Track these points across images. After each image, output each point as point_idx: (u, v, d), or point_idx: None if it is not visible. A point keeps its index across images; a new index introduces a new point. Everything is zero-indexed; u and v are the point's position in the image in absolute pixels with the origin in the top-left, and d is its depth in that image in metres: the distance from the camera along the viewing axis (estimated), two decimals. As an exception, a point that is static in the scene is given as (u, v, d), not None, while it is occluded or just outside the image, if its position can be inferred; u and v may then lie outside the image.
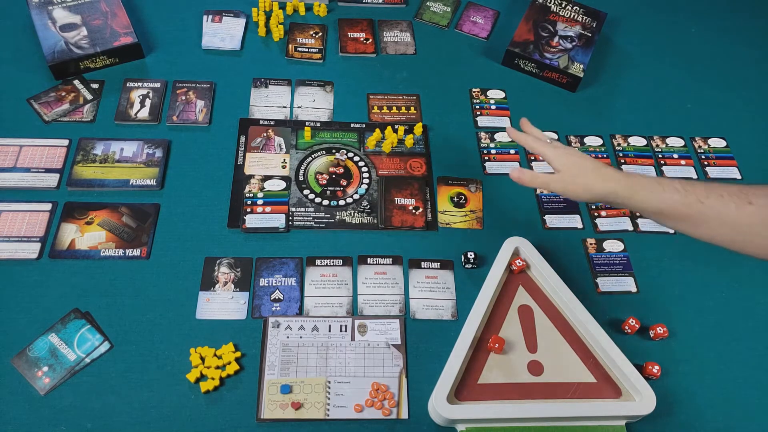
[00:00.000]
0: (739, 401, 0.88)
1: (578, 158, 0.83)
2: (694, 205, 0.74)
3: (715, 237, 0.75)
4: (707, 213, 0.73)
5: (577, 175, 0.82)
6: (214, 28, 1.22)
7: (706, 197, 0.73)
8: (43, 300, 0.88)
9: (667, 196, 0.76)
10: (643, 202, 0.78)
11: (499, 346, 0.85)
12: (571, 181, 0.82)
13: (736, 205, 0.71)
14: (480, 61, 1.25)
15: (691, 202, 0.74)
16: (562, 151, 0.84)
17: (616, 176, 0.80)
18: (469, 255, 0.96)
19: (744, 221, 0.71)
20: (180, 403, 0.81)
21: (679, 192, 0.75)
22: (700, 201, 0.73)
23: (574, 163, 0.82)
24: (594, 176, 0.81)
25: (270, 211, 0.99)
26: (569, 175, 0.82)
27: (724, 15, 1.39)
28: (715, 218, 0.73)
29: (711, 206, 0.73)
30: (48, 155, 1.02)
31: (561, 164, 0.83)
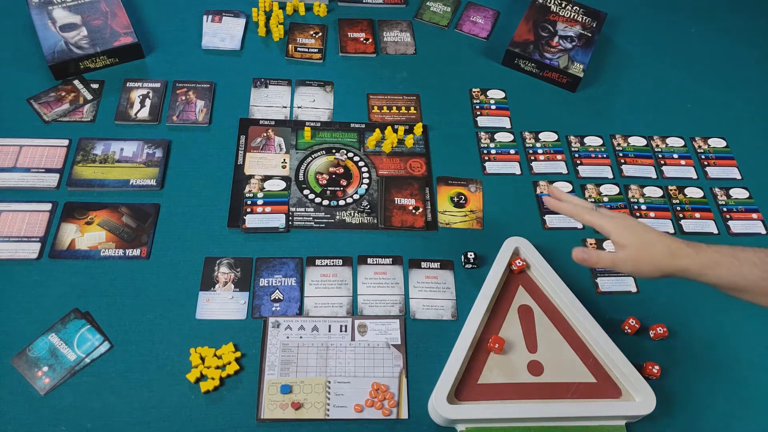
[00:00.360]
0: (739, 401, 0.88)
1: (642, 232, 0.75)
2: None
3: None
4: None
5: (645, 252, 0.74)
6: (214, 28, 1.22)
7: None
8: (43, 300, 0.88)
9: (745, 271, 0.70)
10: (719, 278, 0.72)
11: (499, 346, 0.85)
12: (639, 259, 0.74)
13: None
14: (480, 61, 1.25)
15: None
16: (620, 223, 0.76)
17: (685, 251, 0.73)
18: (469, 255, 0.96)
19: None
20: (180, 403, 0.81)
21: (757, 266, 0.70)
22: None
23: (639, 239, 0.75)
24: (662, 254, 0.73)
25: (270, 211, 0.99)
26: (636, 252, 0.74)
27: (724, 15, 1.39)
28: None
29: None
30: (48, 155, 1.02)
31: (626, 240, 0.75)
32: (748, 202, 1.09)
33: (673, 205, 1.07)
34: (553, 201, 0.83)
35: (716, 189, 1.10)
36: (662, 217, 1.05)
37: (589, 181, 1.09)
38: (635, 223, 0.77)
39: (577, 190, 1.07)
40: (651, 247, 0.74)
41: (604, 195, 1.07)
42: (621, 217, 0.78)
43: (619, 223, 0.76)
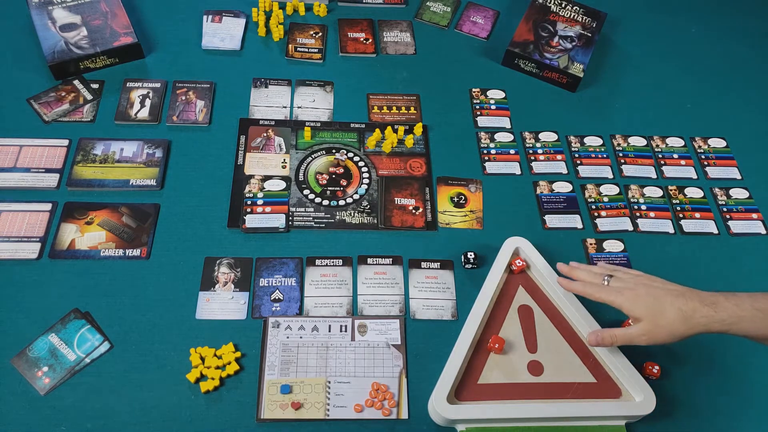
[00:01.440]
0: (739, 401, 0.88)
1: (652, 302, 0.75)
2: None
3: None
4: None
5: (658, 322, 0.74)
6: (214, 28, 1.22)
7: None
8: (43, 300, 0.88)
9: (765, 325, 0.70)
10: (745, 331, 0.72)
11: (499, 346, 0.85)
12: (653, 331, 0.74)
13: None
14: (480, 61, 1.25)
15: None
16: (630, 296, 0.76)
17: (701, 312, 0.72)
18: (469, 255, 0.96)
19: None
20: (180, 403, 0.81)
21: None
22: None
23: (651, 311, 0.74)
24: (677, 321, 0.73)
25: (270, 211, 0.99)
26: (649, 324, 0.74)
27: (724, 15, 1.39)
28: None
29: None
30: (48, 155, 1.02)
31: (638, 313, 0.75)
32: (748, 202, 1.09)
33: (673, 205, 1.07)
34: (564, 282, 0.85)
35: (716, 189, 1.10)
36: (662, 217, 1.05)
37: (589, 181, 1.09)
38: (645, 292, 0.76)
39: (577, 190, 1.07)
40: (664, 317, 0.74)
41: (604, 195, 1.07)
42: (631, 288, 0.77)
43: (629, 297, 0.76)
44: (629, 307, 0.76)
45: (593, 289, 0.80)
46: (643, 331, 0.75)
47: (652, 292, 0.76)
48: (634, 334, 0.76)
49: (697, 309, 0.73)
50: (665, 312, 0.74)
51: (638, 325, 0.76)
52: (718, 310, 0.72)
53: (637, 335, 0.76)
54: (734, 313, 0.71)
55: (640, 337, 0.76)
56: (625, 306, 0.76)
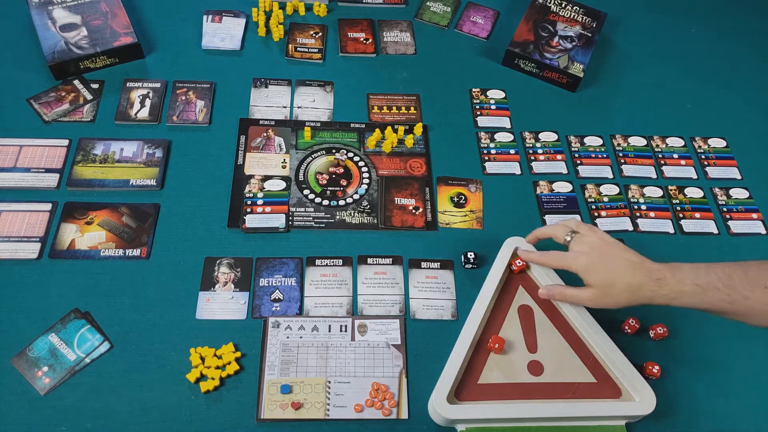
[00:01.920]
0: (739, 401, 0.88)
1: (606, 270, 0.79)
2: (739, 301, 0.72)
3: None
4: (755, 307, 0.72)
5: (606, 292, 0.79)
6: (214, 28, 1.22)
7: (751, 291, 0.72)
8: (43, 300, 0.88)
9: (709, 297, 0.74)
10: (686, 305, 0.76)
11: (499, 346, 0.85)
12: (600, 299, 0.80)
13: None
14: (480, 61, 1.25)
15: (735, 300, 0.72)
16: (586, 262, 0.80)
17: (648, 286, 0.77)
18: (469, 255, 0.96)
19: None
20: (180, 403, 0.81)
21: (720, 291, 0.73)
22: (745, 297, 0.72)
23: (602, 280, 0.79)
24: (624, 293, 0.78)
25: (270, 211, 0.99)
26: (601, 292, 0.80)
27: (724, 15, 1.39)
28: (764, 312, 0.72)
29: (757, 300, 0.71)
30: (48, 155, 1.02)
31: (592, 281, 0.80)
32: (748, 202, 1.09)
33: (673, 205, 1.07)
34: (523, 253, 0.91)
35: (716, 189, 1.10)
36: (662, 217, 1.05)
37: (589, 181, 1.09)
38: (600, 261, 0.80)
39: (577, 190, 1.07)
40: (614, 288, 0.79)
41: (604, 195, 1.07)
42: (587, 253, 0.81)
43: (585, 264, 0.80)
44: (584, 274, 0.81)
45: (550, 259, 0.86)
46: (592, 297, 0.81)
47: (608, 262, 0.80)
48: (584, 298, 0.82)
49: (644, 284, 0.77)
50: (615, 284, 0.79)
51: (589, 290, 0.81)
52: (662, 285, 0.76)
53: (586, 299, 0.82)
54: (676, 289, 0.76)
55: (588, 302, 0.82)
56: (581, 273, 0.81)
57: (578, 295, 0.83)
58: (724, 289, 0.73)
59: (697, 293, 0.74)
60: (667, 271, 0.77)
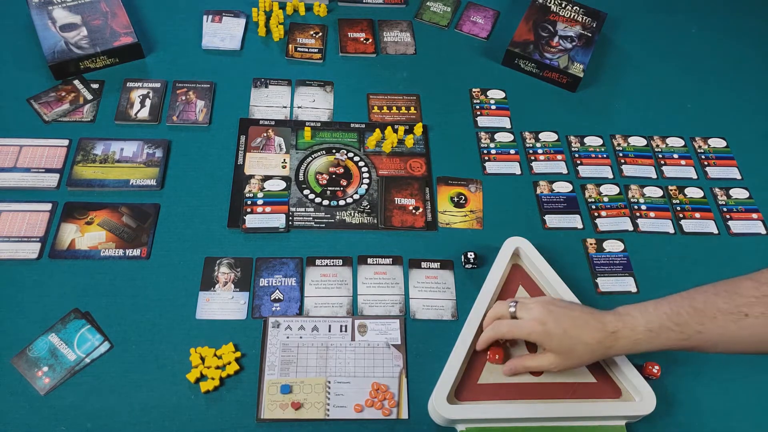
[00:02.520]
0: (739, 401, 0.88)
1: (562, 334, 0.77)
2: (694, 337, 0.72)
3: (735, 351, 0.74)
4: (712, 339, 0.72)
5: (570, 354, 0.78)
6: (214, 28, 1.22)
7: (702, 324, 0.71)
8: (43, 300, 0.88)
9: (663, 338, 0.73)
10: (645, 350, 0.76)
11: (499, 357, 0.84)
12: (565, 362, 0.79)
13: (734, 323, 0.70)
14: (480, 61, 1.25)
15: (689, 335, 0.72)
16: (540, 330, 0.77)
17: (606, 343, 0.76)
18: (469, 255, 0.96)
19: (750, 334, 0.70)
20: (180, 403, 0.81)
21: (673, 330, 0.72)
22: (698, 331, 0.71)
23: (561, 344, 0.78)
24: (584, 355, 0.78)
25: (270, 211, 0.99)
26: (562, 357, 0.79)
27: (724, 15, 1.39)
28: (722, 341, 0.72)
29: (711, 332, 0.71)
30: (48, 155, 1.02)
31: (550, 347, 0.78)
32: (748, 202, 1.09)
33: (673, 205, 1.07)
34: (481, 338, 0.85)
35: (716, 189, 1.10)
36: (662, 217, 1.05)
37: (589, 181, 1.09)
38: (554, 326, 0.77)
39: (577, 190, 1.07)
40: (573, 352, 0.78)
41: (604, 195, 1.07)
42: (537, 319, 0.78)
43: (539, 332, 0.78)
44: (541, 341, 0.79)
45: (503, 328, 0.82)
46: (553, 362, 0.80)
47: (562, 323, 0.77)
48: (545, 365, 0.81)
49: (602, 340, 0.76)
50: (574, 347, 0.78)
51: (550, 356, 0.80)
52: (618, 338, 0.76)
53: (548, 365, 0.81)
54: (631, 338, 0.75)
55: (551, 367, 0.81)
56: (538, 341, 0.80)
57: (540, 363, 0.81)
58: (676, 327, 0.72)
59: (651, 338, 0.74)
60: (619, 322, 0.76)
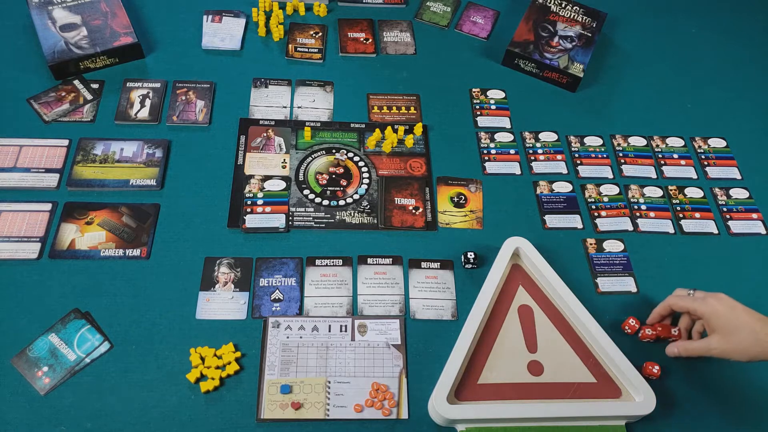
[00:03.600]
0: (739, 401, 0.88)
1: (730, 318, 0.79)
2: None
3: None
4: None
5: (732, 339, 0.79)
6: (214, 28, 1.22)
7: None
8: (43, 300, 0.88)
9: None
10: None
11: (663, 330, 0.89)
12: (727, 346, 0.80)
13: None
14: (480, 61, 1.25)
15: None
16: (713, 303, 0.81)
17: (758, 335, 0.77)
18: (469, 255, 0.96)
19: None
20: (180, 403, 0.82)
21: None
22: None
23: (726, 326, 0.79)
24: (749, 342, 0.78)
25: (270, 211, 0.99)
26: (723, 339, 0.80)
27: (724, 15, 1.39)
28: None
29: None
30: (48, 155, 1.02)
31: (715, 324, 0.81)
32: (748, 202, 1.09)
33: (673, 205, 1.07)
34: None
35: (716, 189, 1.10)
36: (662, 217, 1.05)
37: (589, 181, 1.09)
38: (726, 307, 0.80)
39: (577, 190, 1.07)
40: (737, 334, 0.79)
41: (604, 195, 1.07)
42: (712, 302, 0.82)
43: (711, 306, 0.81)
44: (708, 316, 0.81)
45: (680, 301, 0.86)
46: (716, 344, 0.80)
47: (735, 307, 0.80)
48: (707, 346, 0.82)
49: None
50: (739, 331, 0.78)
51: (713, 338, 0.81)
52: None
53: (710, 347, 0.81)
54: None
55: (714, 350, 0.81)
56: (706, 314, 0.81)
57: (702, 345, 0.83)
58: None
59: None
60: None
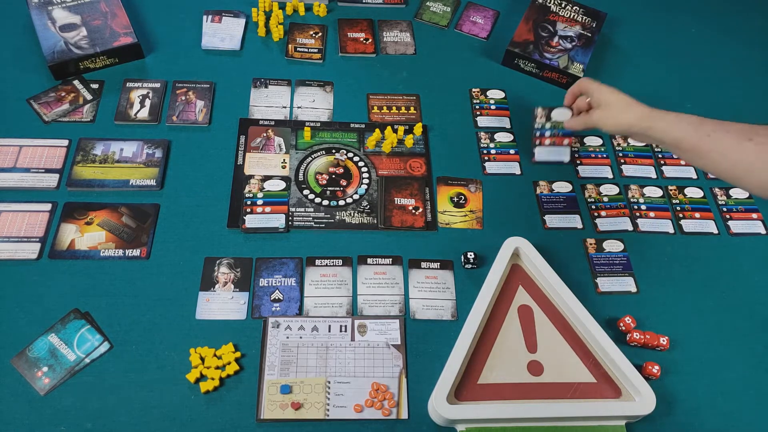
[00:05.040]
0: (738, 401, 0.88)
1: (616, 94, 0.92)
2: (702, 138, 0.81)
3: (716, 169, 0.81)
4: (711, 146, 0.80)
5: (612, 109, 0.91)
6: (214, 28, 1.22)
7: (714, 131, 0.80)
8: (43, 300, 0.88)
9: (682, 127, 0.83)
10: (662, 132, 0.85)
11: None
12: (606, 115, 0.92)
13: (737, 140, 0.78)
14: (480, 61, 1.25)
15: (700, 135, 0.81)
16: (604, 88, 0.93)
17: (639, 110, 0.89)
18: (469, 255, 0.96)
19: (742, 157, 0.78)
20: (180, 403, 0.82)
21: (692, 125, 0.82)
22: (708, 135, 0.80)
23: (610, 99, 0.92)
24: (621, 110, 0.90)
25: (270, 211, 0.99)
26: (606, 110, 0.92)
27: (724, 15, 1.39)
28: (718, 152, 0.80)
29: (715, 140, 0.80)
30: (48, 155, 1.02)
31: (601, 100, 0.93)
32: (748, 202, 1.09)
33: (673, 205, 1.07)
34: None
35: (716, 189, 1.10)
36: (662, 217, 1.05)
37: (589, 181, 1.09)
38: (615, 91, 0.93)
39: (577, 190, 1.07)
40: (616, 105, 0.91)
41: (604, 195, 1.07)
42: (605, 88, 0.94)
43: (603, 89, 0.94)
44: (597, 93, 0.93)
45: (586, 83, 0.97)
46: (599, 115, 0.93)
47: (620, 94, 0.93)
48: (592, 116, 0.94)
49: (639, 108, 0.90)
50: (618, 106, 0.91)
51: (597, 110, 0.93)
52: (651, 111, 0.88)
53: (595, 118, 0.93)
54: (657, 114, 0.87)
55: (596, 121, 0.93)
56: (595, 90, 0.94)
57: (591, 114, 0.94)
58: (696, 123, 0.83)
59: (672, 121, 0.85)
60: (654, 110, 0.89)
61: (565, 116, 1.02)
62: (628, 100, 0.91)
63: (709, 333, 0.93)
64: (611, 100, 0.92)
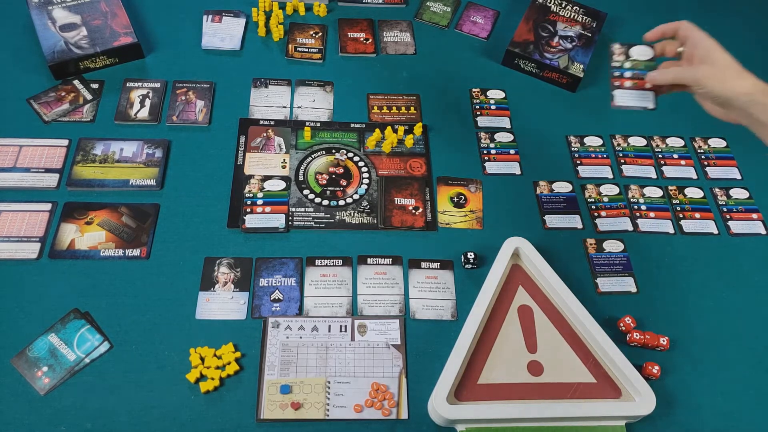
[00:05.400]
0: (738, 401, 0.88)
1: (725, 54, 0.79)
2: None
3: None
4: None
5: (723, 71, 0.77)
6: (214, 28, 1.22)
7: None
8: (43, 300, 0.88)
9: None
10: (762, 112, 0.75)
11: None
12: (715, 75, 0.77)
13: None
14: (480, 61, 1.25)
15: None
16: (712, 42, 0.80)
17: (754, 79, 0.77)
18: (469, 255, 0.96)
19: None
20: (180, 403, 0.82)
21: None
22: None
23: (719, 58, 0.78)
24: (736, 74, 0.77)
25: (270, 211, 0.99)
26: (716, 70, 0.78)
27: (724, 15, 1.39)
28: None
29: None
30: (48, 155, 1.02)
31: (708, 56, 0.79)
32: (748, 202, 1.09)
33: (673, 205, 1.07)
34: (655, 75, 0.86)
35: (716, 189, 1.10)
36: (662, 217, 1.05)
37: (589, 181, 1.09)
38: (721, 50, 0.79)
39: (577, 190, 1.07)
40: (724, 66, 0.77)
41: (604, 195, 1.07)
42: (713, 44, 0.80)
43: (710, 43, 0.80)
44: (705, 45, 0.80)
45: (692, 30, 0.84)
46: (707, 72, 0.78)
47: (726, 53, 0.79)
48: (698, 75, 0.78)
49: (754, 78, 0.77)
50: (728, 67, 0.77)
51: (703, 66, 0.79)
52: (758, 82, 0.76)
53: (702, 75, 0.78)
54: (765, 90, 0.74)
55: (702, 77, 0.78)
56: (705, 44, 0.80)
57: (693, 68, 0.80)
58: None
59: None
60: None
61: (647, 55, 0.90)
62: (738, 64, 0.78)
63: (709, 333, 0.93)
64: (720, 59, 0.77)
